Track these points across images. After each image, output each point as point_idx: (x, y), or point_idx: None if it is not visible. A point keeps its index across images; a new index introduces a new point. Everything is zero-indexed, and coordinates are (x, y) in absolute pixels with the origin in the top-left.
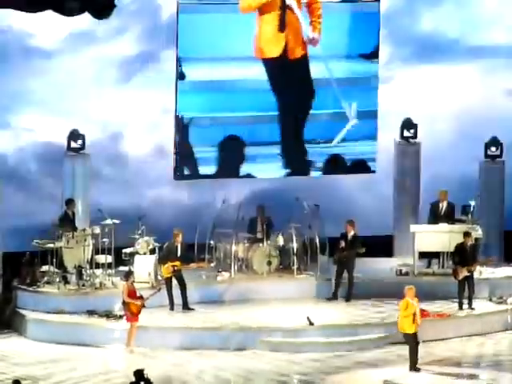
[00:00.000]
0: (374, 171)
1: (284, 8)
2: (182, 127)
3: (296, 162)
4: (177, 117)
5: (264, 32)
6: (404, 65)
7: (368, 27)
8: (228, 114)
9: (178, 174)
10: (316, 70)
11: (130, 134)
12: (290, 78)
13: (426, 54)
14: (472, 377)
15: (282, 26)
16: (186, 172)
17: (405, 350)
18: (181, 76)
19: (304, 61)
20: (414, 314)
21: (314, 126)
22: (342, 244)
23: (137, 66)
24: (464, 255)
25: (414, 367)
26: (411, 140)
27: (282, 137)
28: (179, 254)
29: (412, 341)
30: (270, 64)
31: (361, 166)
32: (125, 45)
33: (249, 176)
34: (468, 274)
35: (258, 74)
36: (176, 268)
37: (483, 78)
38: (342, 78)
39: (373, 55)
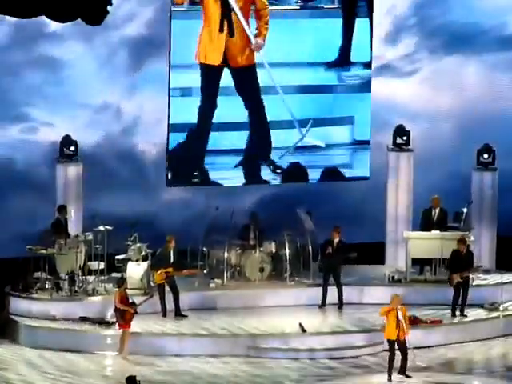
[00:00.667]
0: (367, 178)
1: (225, 8)
2: (175, 133)
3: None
4: (169, 123)
5: (205, 35)
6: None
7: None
8: (221, 120)
9: (171, 180)
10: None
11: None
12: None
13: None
14: None
15: (221, 27)
16: (179, 178)
17: (397, 356)
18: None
19: (250, 68)
20: (397, 322)
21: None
22: (330, 250)
23: (147, 52)
24: (459, 262)
25: (389, 376)
26: (404, 147)
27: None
28: (172, 260)
29: (392, 347)
30: (210, 70)
31: (334, 174)
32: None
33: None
34: (461, 281)
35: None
36: (169, 274)
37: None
38: (334, 85)
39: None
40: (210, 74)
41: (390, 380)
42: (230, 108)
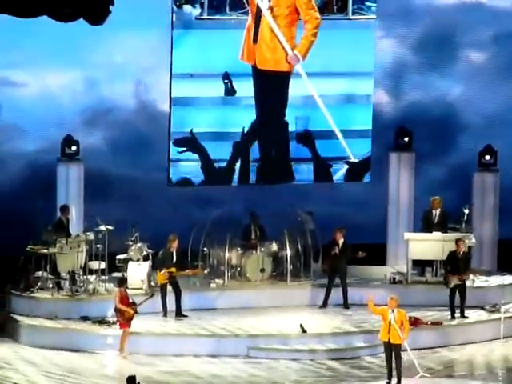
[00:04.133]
0: (367, 180)
1: (258, 19)
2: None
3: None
4: (170, 129)
5: (246, 39)
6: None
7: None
8: (220, 129)
9: (171, 181)
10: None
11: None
12: (263, 89)
13: None
14: None
15: (255, 38)
16: (179, 179)
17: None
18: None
19: (281, 76)
20: (389, 324)
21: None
22: (336, 250)
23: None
24: (456, 263)
25: (389, 380)
26: (406, 148)
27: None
28: (175, 260)
29: (386, 350)
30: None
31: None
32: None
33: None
34: (459, 283)
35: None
36: (172, 274)
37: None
38: (336, 95)
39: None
40: (255, 76)
41: (388, 383)
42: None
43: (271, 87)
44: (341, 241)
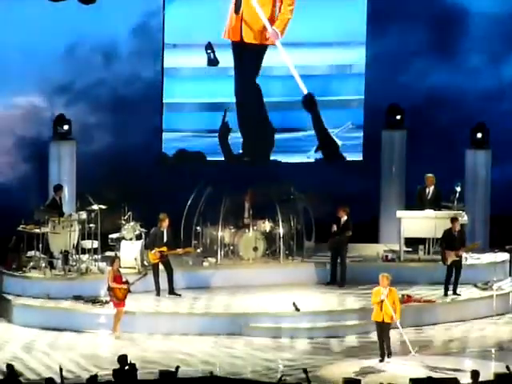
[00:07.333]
0: (361, 158)
1: None
2: (167, 112)
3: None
4: (162, 102)
5: (230, 14)
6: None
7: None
8: (212, 99)
9: (162, 158)
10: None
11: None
12: (245, 63)
13: None
14: (454, 369)
15: (237, 8)
16: (171, 156)
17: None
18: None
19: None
20: (382, 303)
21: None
22: (334, 228)
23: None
24: (452, 240)
25: (381, 358)
26: (398, 125)
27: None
28: (165, 239)
29: (378, 330)
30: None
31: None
32: None
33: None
34: (456, 259)
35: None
36: (163, 254)
37: None
38: (328, 66)
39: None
40: (236, 52)
41: (381, 361)
42: None
43: (252, 59)
44: (343, 219)
